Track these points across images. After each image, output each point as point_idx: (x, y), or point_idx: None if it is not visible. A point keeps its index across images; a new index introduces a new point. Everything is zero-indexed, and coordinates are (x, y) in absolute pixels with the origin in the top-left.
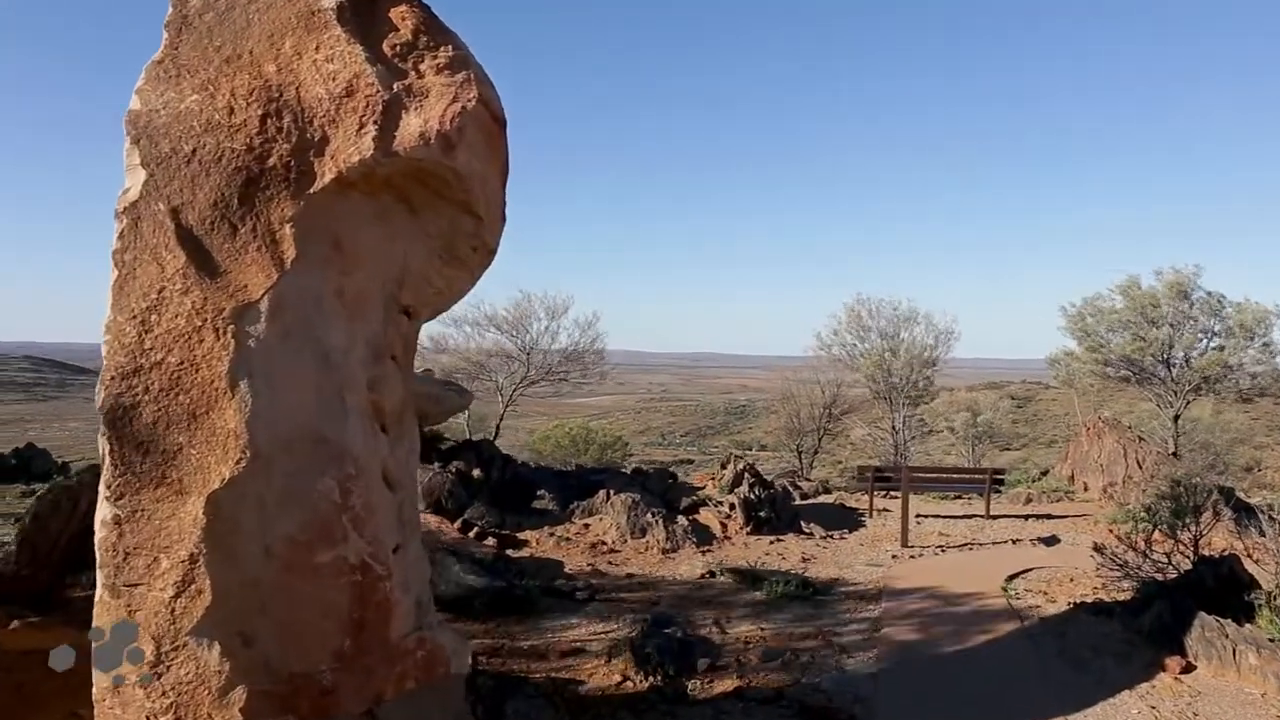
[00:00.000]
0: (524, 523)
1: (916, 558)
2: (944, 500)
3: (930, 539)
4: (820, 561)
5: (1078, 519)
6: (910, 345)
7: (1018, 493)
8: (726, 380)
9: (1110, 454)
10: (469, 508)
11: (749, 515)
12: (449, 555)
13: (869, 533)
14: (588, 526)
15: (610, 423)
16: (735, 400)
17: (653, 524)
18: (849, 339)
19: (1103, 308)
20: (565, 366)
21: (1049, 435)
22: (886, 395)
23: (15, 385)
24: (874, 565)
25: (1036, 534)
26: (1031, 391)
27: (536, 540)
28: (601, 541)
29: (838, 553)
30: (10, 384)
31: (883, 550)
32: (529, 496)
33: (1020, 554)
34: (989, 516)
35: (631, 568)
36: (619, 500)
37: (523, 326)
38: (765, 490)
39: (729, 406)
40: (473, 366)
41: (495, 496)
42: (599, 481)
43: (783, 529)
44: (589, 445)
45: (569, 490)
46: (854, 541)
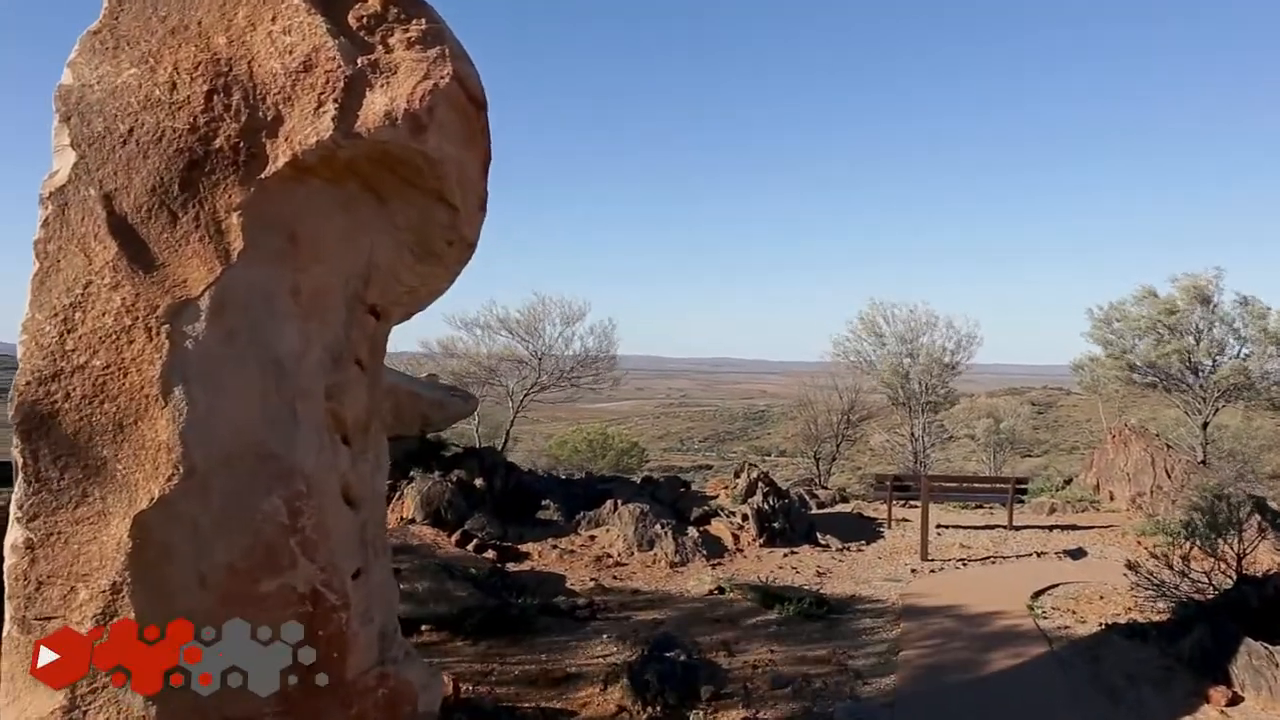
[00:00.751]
0: (527, 534)
1: (937, 572)
2: (965, 510)
3: (951, 551)
4: (836, 576)
5: (1105, 530)
6: (929, 350)
7: (1041, 502)
8: (746, 386)
9: (1137, 462)
10: (469, 519)
11: (762, 526)
12: (442, 570)
13: (887, 544)
14: (593, 538)
15: (629, 428)
16: (754, 406)
17: (661, 536)
18: (865, 344)
19: (1127, 313)
20: (577, 372)
21: (1070, 441)
22: (905, 401)
23: None
24: (892, 580)
25: (1062, 546)
26: (1053, 397)
27: (539, 553)
28: (607, 554)
29: (854, 566)
30: None
31: (901, 564)
32: (533, 507)
33: (1046, 568)
34: (1012, 528)
35: (638, 582)
36: (627, 511)
37: (535, 331)
38: (779, 500)
39: (748, 412)
40: (483, 371)
41: (498, 507)
42: (606, 491)
43: (797, 541)
44: (606, 451)
45: (575, 500)
46: (872, 554)
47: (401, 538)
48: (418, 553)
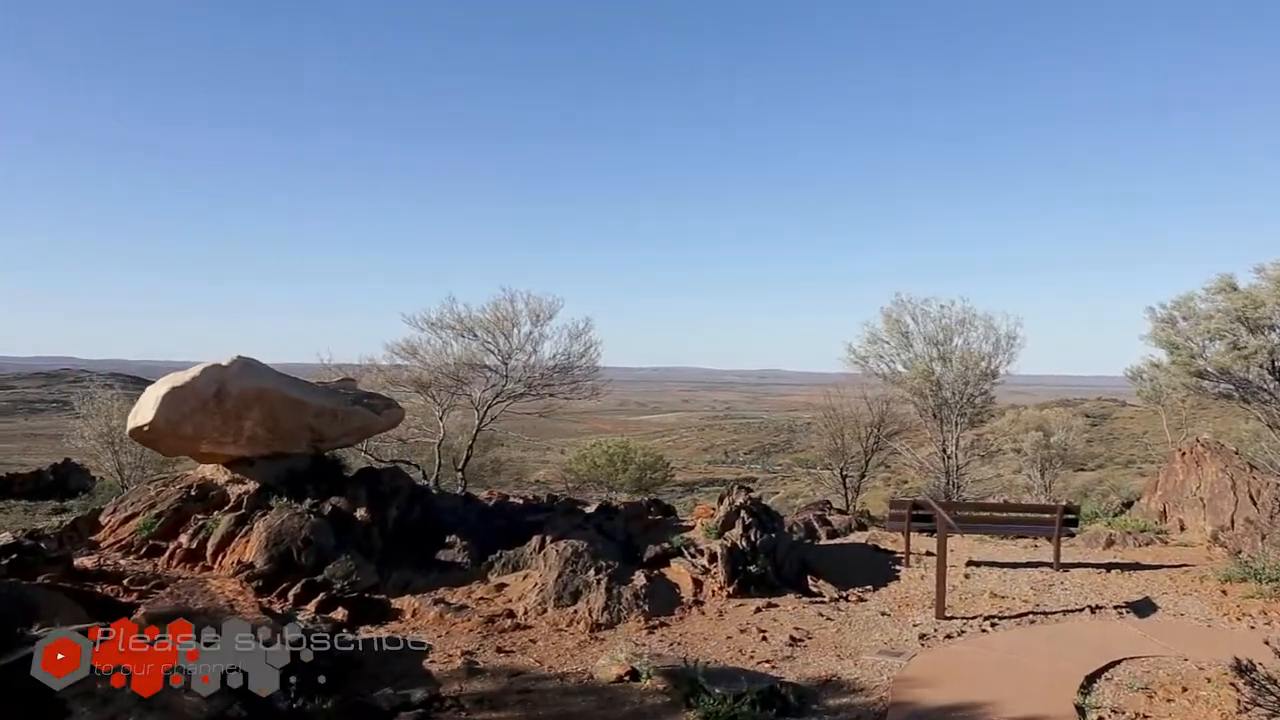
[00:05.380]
0: (416, 582)
1: (954, 639)
2: (1003, 540)
3: (979, 604)
4: (815, 645)
5: (1176, 571)
6: (963, 354)
7: (1096, 532)
8: (792, 397)
9: (1213, 486)
10: (333, 562)
11: (734, 570)
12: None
13: (899, 591)
14: (502, 588)
15: (673, 441)
16: (799, 417)
17: (591, 585)
18: (889, 348)
19: (1196, 311)
20: (552, 380)
21: (1125, 455)
22: (937, 413)
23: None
24: (890, 654)
25: (1124, 596)
26: (1107, 409)
27: (414, 610)
28: (509, 612)
29: (845, 628)
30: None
31: (909, 625)
32: (437, 544)
33: (1103, 632)
34: (1059, 567)
35: (531, 657)
36: (554, 550)
37: (502, 331)
38: (763, 534)
39: (793, 424)
40: (449, 379)
41: (390, 545)
42: (537, 524)
43: (781, 586)
44: (627, 465)
45: (494, 535)
46: (875, 607)
47: (184, 598)
48: (188, 619)
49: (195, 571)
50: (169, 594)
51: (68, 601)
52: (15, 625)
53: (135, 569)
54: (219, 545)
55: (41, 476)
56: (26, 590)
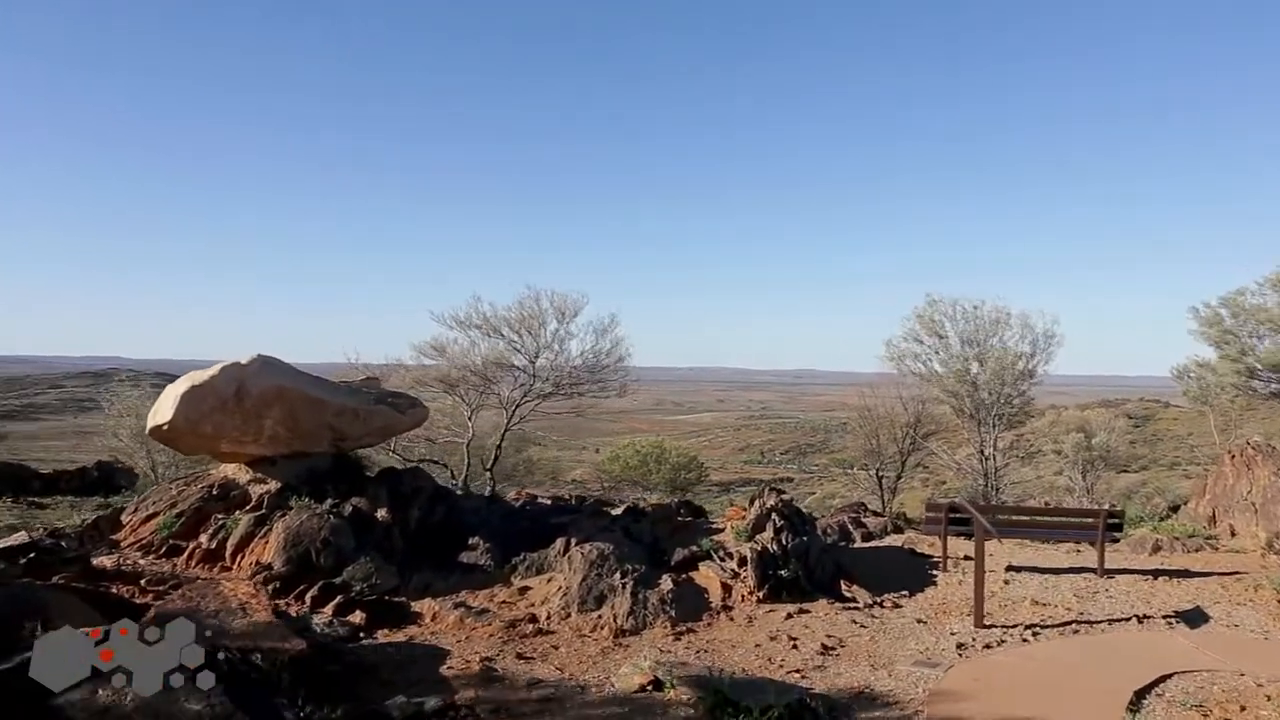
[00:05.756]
0: (437, 584)
1: (994, 648)
2: (1044, 544)
3: (1019, 611)
4: (847, 654)
5: (1228, 580)
6: (999, 354)
7: (1141, 537)
8: (827, 397)
9: (1266, 490)
10: (352, 564)
11: (764, 574)
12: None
13: (936, 596)
14: (525, 592)
15: (709, 441)
16: (835, 417)
17: (616, 590)
18: (924, 348)
19: (1246, 306)
20: (581, 379)
21: (1170, 457)
22: (974, 414)
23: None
24: (926, 665)
25: (1173, 605)
26: (1150, 410)
27: (434, 614)
28: (531, 617)
29: (880, 636)
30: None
31: (946, 633)
32: (459, 546)
33: (1152, 643)
34: (1103, 573)
35: (551, 665)
36: (580, 553)
37: (528, 330)
38: (796, 537)
39: (828, 424)
40: (476, 378)
41: (412, 546)
42: (562, 526)
43: (814, 592)
44: (661, 465)
45: (518, 538)
46: (911, 613)
47: (196, 600)
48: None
49: (214, 572)
50: (181, 596)
51: (80, 602)
52: (22, 627)
53: (154, 569)
54: (238, 546)
55: (86, 473)
56: (36, 591)
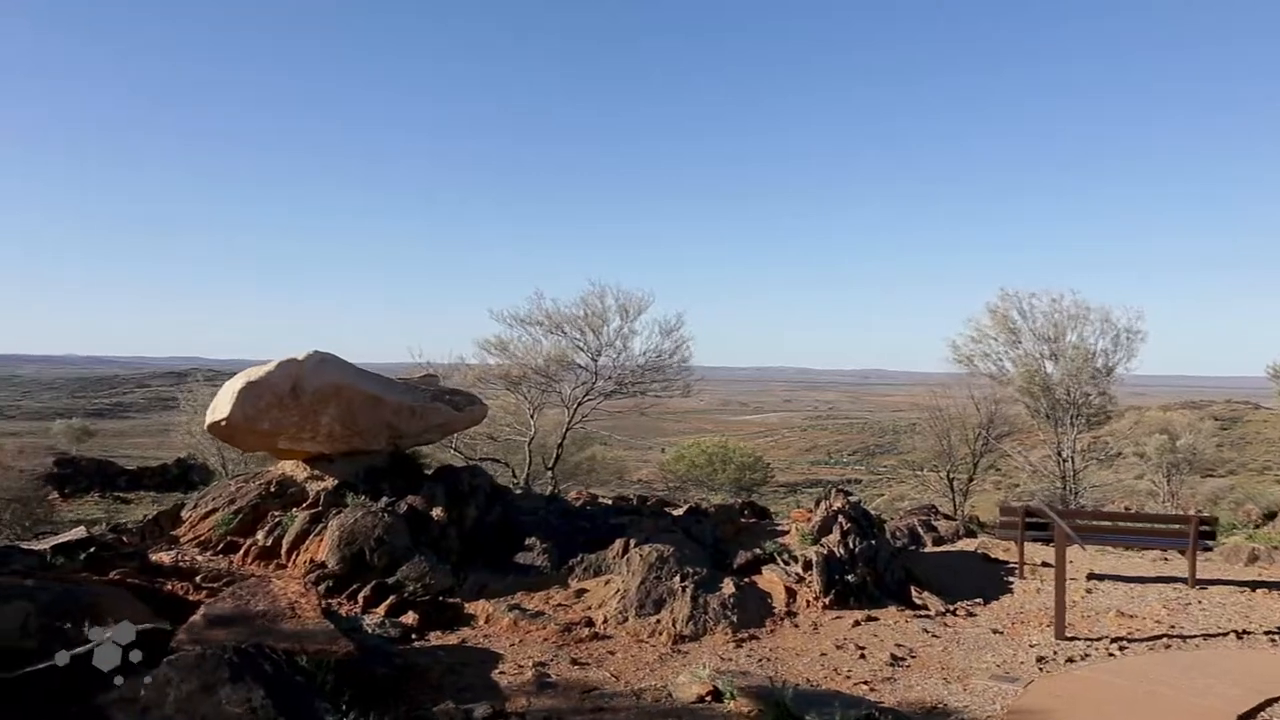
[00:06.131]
0: (493, 585)
1: (1078, 662)
2: (1127, 552)
3: (1103, 623)
4: (918, 666)
5: None
6: (1077, 350)
7: (1235, 546)
8: (895, 398)
9: None
10: (406, 563)
11: (830, 579)
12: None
13: (1013, 605)
14: (582, 594)
15: (775, 441)
16: (904, 418)
17: (676, 593)
18: (996, 345)
19: None
20: (646, 378)
21: (1260, 461)
22: (1050, 414)
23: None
24: (1004, 679)
25: (1275, 620)
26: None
27: (488, 616)
28: (587, 620)
29: (953, 647)
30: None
31: (1025, 645)
32: (516, 547)
33: (1254, 663)
34: (1195, 584)
35: (607, 671)
36: (639, 555)
37: (591, 328)
38: (863, 541)
39: (897, 425)
40: (539, 376)
41: (467, 546)
42: (620, 526)
43: (883, 598)
44: (726, 465)
45: (574, 538)
46: (986, 623)
47: (246, 599)
48: (245, 624)
49: (269, 570)
50: (231, 594)
51: (132, 599)
52: (69, 626)
53: (210, 566)
54: (293, 543)
55: (167, 470)
56: (87, 588)
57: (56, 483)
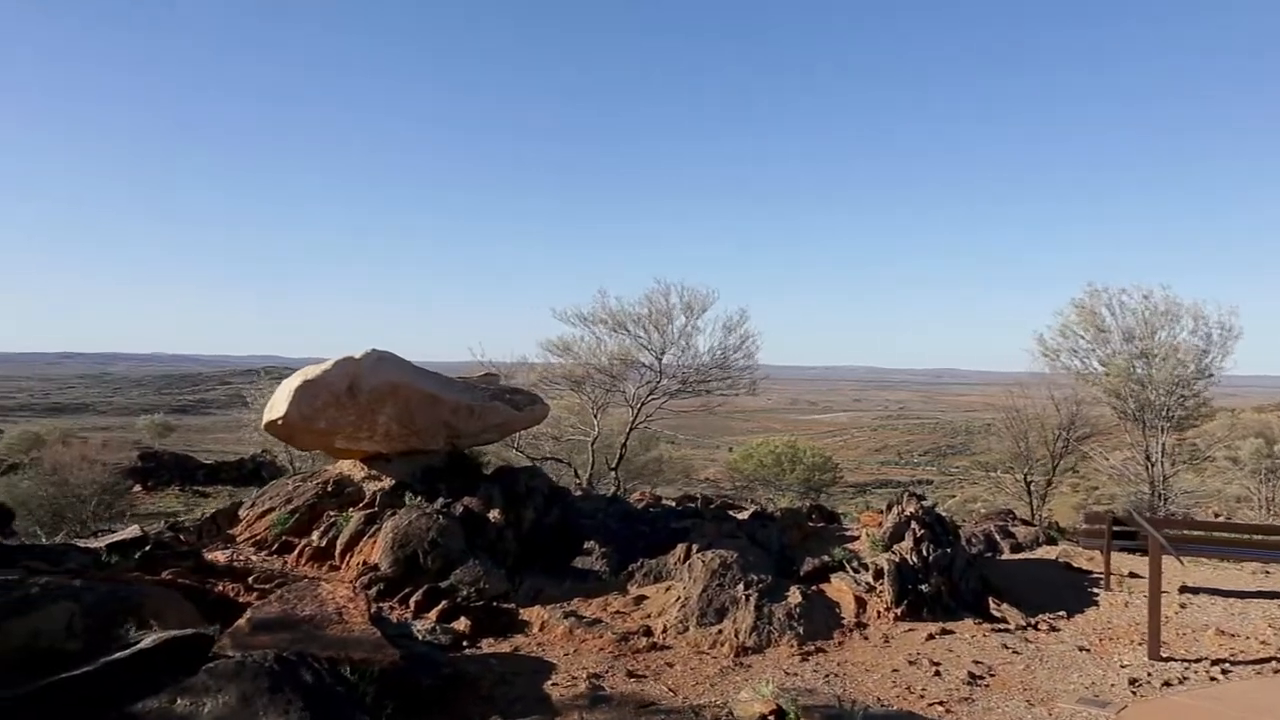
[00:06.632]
0: (549, 590)
1: (1175, 686)
2: (1224, 564)
3: (1201, 643)
4: (998, 685)
5: None
6: (1169, 349)
7: None
8: (970, 397)
9: None
10: (460, 566)
11: (903, 589)
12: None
13: (1099, 620)
14: (641, 601)
15: (844, 441)
16: (978, 418)
17: (739, 602)
18: (1082, 342)
19: None
20: (708, 376)
21: None
22: (1138, 415)
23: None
24: (1094, 704)
25: None
26: None
27: (543, 623)
28: (645, 629)
29: (1035, 665)
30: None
31: (1114, 665)
32: (574, 550)
33: None
34: None
35: (664, 685)
36: (701, 561)
37: (656, 327)
38: (938, 548)
39: (970, 425)
40: (602, 375)
41: (524, 549)
42: (683, 531)
43: (958, 609)
44: (795, 465)
45: (635, 542)
46: (1070, 638)
47: (293, 603)
48: (291, 630)
49: (323, 571)
50: (279, 598)
51: (180, 600)
52: (114, 627)
53: (264, 566)
54: (347, 544)
55: (244, 465)
56: (135, 588)
57: (140, 476)
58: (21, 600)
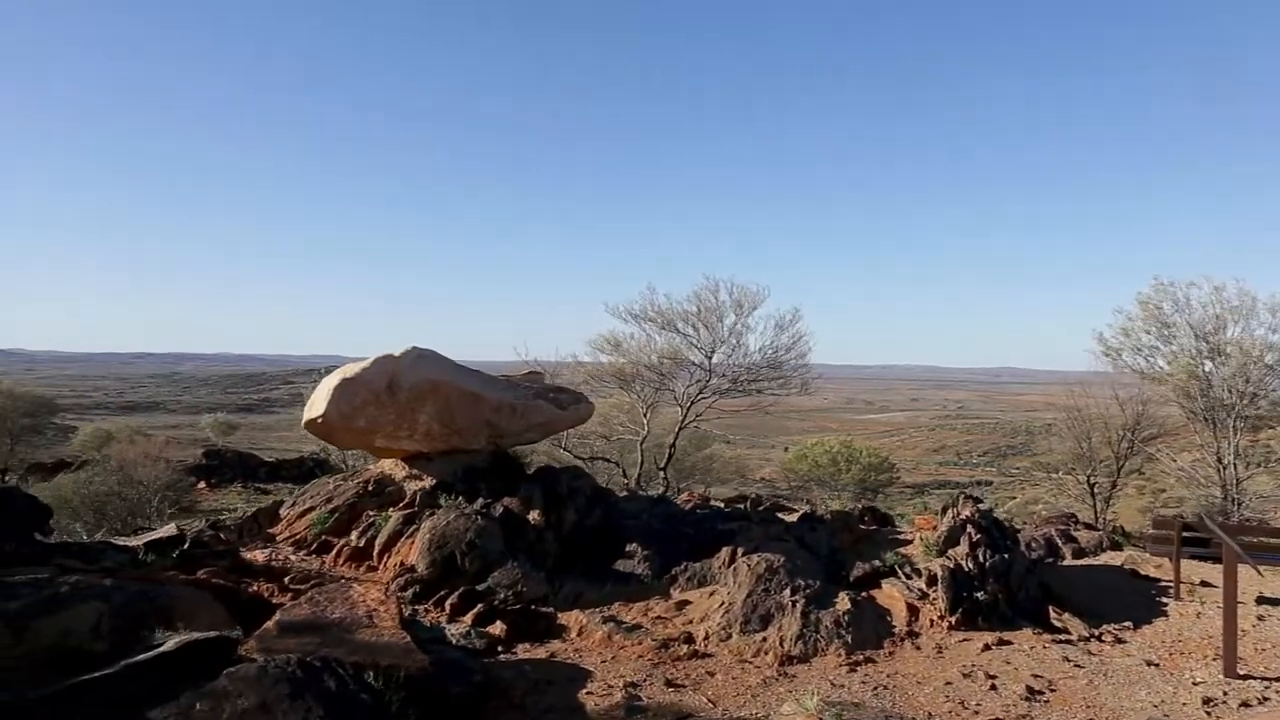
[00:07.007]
0: (590, 594)
1: (1254, 707)
2: None
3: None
4: (1059, 701)
5: None
6: (1241, 346)
7: None
8: (1030, 396)
9: None
10: (499, 568)
11: (958, 595)
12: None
13: (1169, 632)
14: (684, 606)
15: (901, 441)
16: (1038, 418)
17: (785, 608)
18: (1147, 339)
19: None
20: (759, 375)
21: None
22: (1208, 415)
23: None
24: None
25: None
26: None
27: (581, 628)
28: (687, 636)
29: (1099, 680)
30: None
31: (1186, 682)
32: (616, 553)
33: None
34: None
35: (704, 695)
36: (746, 565)
37: (705, 324)
38: (995, 553)
39: (1031, 425)
40: (651, 373)
41: (565, 551)
42: (728, 533)
43: (1016, 619)
44: (851, 465)
45: (679, 544)
46: (1138, 652)
47: (323, 605)
48: (318, 633)
49: (360, 571)
50: (309, 600)
51: (212, 600)
52: (142, 628)
53: (301, 566)
54: (385, 545)
55: (304, 462)
56: (166, 589)
57: (204, 473)
58: (51, 599)
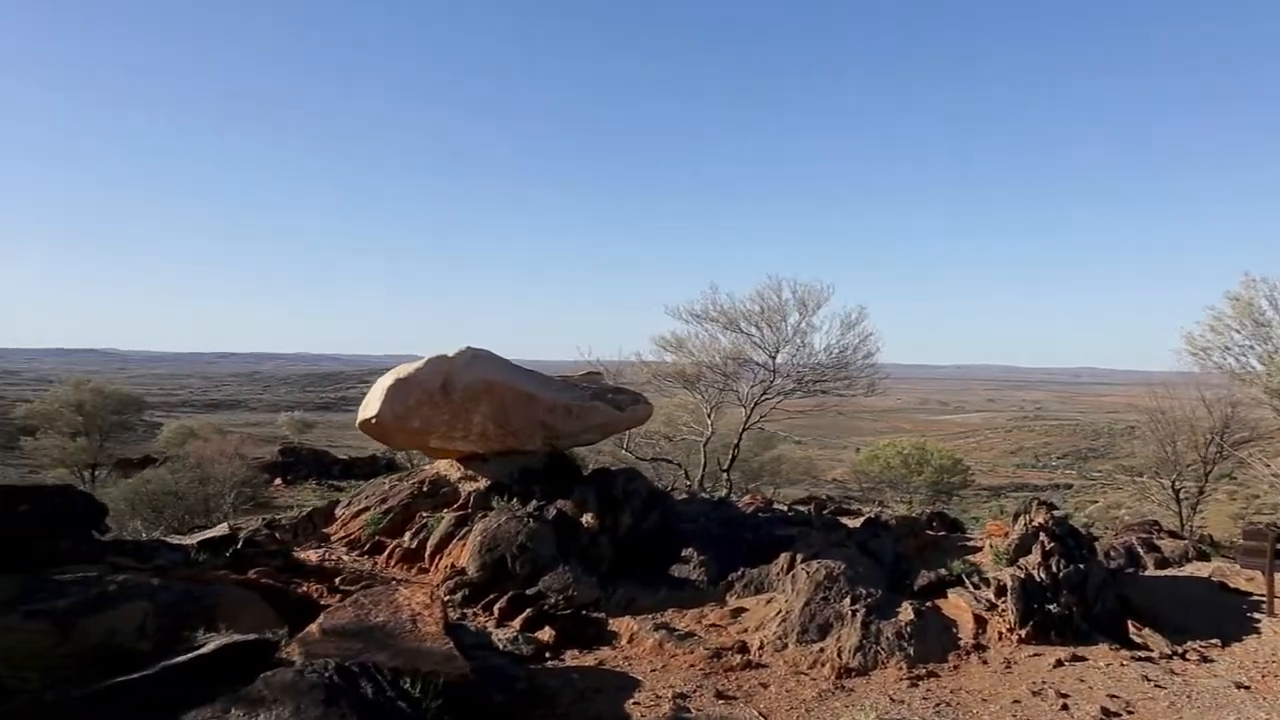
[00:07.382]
0: (642, 599)
1: None
2: None
3: None
4: None
5: None
6: None
7: None
8: (1111, 398)
9: None
10: (549, 572)
11: (1028, 607)
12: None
13: (1261, 651)
14: (739, 614)
15: (977, 443)
16: (1120, 420)
17: (844, 618)
18: (1239, 338)
19: None
20: (825, 375)
21: None
22: None
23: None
24: None
25: None
26: None
27: (631, 635)
28: (740, 645)
29: (1182, 702)
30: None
31: (1279, 709)
32: (671, 558)
33: None
34: None
35: (755, 708)
36: (805, 572)
37: (769, 324)
38: (1069, 563)
39: (1112, 427)
40: (714, 373)
41: (619, 555)
42: (787, 539)
43: (1091, 634)
44: (923, 467)
45: (738, 549)
46: (1226, 672)
47: (368, 608)
48: (360, 637)
49: (411, 572)
50: (353, 604)
51: (259, 601)
52: (186, 628)
53: (353, 566)
54: (437, 546)
55: (376, 461)
56: (214, 588)
57: (280, 471)
58: (99, 598)
